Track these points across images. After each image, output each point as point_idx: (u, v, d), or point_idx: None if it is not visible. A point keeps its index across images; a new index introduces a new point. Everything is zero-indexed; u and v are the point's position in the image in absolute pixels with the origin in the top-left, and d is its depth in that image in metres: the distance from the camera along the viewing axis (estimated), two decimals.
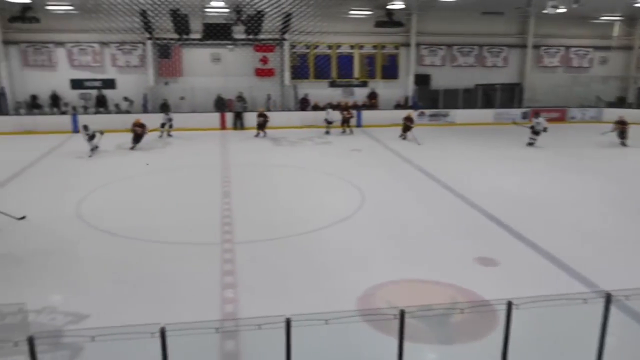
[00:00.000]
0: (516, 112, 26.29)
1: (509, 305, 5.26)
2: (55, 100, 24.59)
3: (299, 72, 26.12)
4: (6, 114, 23.78)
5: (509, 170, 16.63)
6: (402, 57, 27.17)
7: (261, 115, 22.66)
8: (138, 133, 19.44)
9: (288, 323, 4.87)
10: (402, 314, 5.13)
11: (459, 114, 26.57)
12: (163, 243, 10.40)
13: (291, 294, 8.24)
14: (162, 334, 4.66)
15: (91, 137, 18.36)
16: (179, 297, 8.14)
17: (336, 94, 26.70)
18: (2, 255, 9.82)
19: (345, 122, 23.34)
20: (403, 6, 24.72)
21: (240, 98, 25.14)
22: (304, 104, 25.99)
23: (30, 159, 17.88)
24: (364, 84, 27.09)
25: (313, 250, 10.11)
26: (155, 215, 12.14)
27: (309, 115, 24.96)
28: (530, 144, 20.21)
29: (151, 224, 11.47)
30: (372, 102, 26.77)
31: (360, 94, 27.01)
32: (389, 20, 25.44)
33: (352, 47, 26.54)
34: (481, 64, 28.25)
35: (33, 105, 24.52)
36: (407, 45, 26.98)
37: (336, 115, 23.51)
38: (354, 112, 24.40)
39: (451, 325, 7.20)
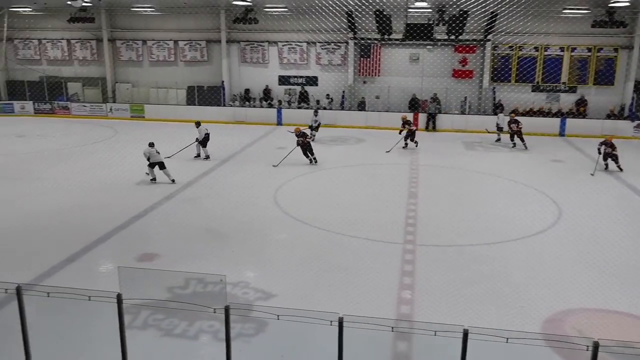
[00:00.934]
0: None
1: None
2: (266, 95, 26.99)
3: (500, 74, 24.89)
4: (223, 105, 26.78)
5: None
6: (621, 61, 24.26)
7: (407, 122, 19.91)
8: (299, 144, 17.07)
9: (465, 334, 4.70)
10: (596, 346, 4.62)
11: None
12: (347, 236, 10.78)
13: (470, 304, 7.96)
14: (340, 323, 4.84)
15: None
16: (357, 290, 8.36)
17: (539, 99, 24.92)
18: (209, 230, 11.10)
19: (513, 136, 20.62)
20: (628, 4, 22.06)
21: (434, 99, 24.87)
22: (498, 109, 24.74)
23: (239, 146, 19.89)
24: (572, 90, 24.82)
25: (498, 262, 9.62)
26: (342, 208, 12.62)
27: (506, 120, 23.69)
28: None
29: (338, 216, 11.95)
30: (580, 109, 24.44)
31: (566, 101, 24.81)
32: (610, 19, 22.89)
33: (562, 49, 24.47)
34: None
35: (246, 98, 27.22)
36: (629, 47, 24.00)
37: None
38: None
39: None
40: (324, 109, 25.03)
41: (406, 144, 19.86)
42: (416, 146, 19.77)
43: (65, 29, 27.81)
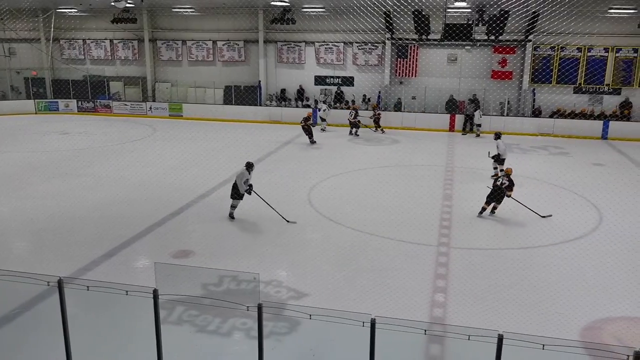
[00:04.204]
0: None
1: None
2: (300, 94, 27.10)
3: (540, 75, 24.34)
4: (260, 105, 27.03)
5: None
6: None
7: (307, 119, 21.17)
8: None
9: (500, 340, 4.62)
10: (637, 356, 4.47)
11: None
12: (381, 237, 10.73)
13: (505, 309, 7.81)
14: (373, 325, 4.81)
15: None
16: (390, 292, 8.32)
17: (581, 101, 24.26)
18: (242, 229, 11.21)
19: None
20: None
21: (473, 100, 24.50)
22: (537, 111, 24.23)
23: (274, 145, 20.04)
24: (616, 92, 24.07)
25: (535, 267, 9.42)
26: (376, 209, 12.57)
27: (545, 122, 23.22)
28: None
29: (372, 217, 11.91)
30: (624, 112, 23.69)
31: (610, 103, 24.09)
32: None
33: (606, 49, 23.75)
34: None
35: (282, 98, 27.39)
36: None
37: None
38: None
39: None
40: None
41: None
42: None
43: (109, 29, 28.59)
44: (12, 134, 22.20)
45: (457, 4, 22.20)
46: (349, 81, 26.75)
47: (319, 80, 27.17)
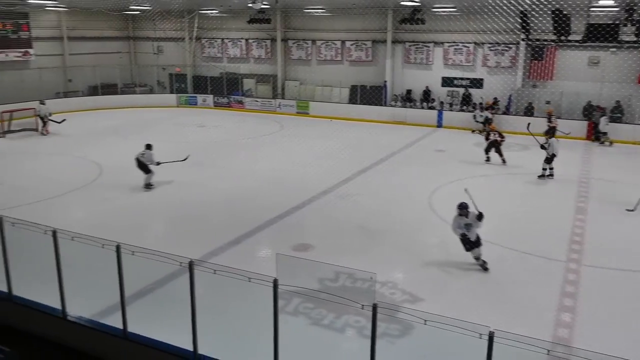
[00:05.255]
0: None
1: None
2: (426, 96, 26.65)
3: None
4: (384, 105, 27.00)
5: None
6: None
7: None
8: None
9: None
10: None
11: None
12: (504, 247, 10.28)
13: (638, 337, 7.12)
14: (490, 338, 4.64)
15: None
16: (511, 305, 7.96)
17: None
18: (361, 227, 11.30)
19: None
20: None
21: (616, 106, 22.50)
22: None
23: (397, 146, 19.91)
24: None
25: None
26: (500, 217, 11.98)
27: None
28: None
29: (496, 226, 11.36)
30: None
31: None
32: None
33: None
34: None
35: (407, 99, 27.13)
36: None
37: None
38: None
39: None
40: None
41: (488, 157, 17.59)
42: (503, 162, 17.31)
43: (244, 29, 30.17)
44: (156, 125, 24.24)
45: (602, 2, 20.50)
46: (478, 83, 25.79)
47: (446, 81, 26.49)
